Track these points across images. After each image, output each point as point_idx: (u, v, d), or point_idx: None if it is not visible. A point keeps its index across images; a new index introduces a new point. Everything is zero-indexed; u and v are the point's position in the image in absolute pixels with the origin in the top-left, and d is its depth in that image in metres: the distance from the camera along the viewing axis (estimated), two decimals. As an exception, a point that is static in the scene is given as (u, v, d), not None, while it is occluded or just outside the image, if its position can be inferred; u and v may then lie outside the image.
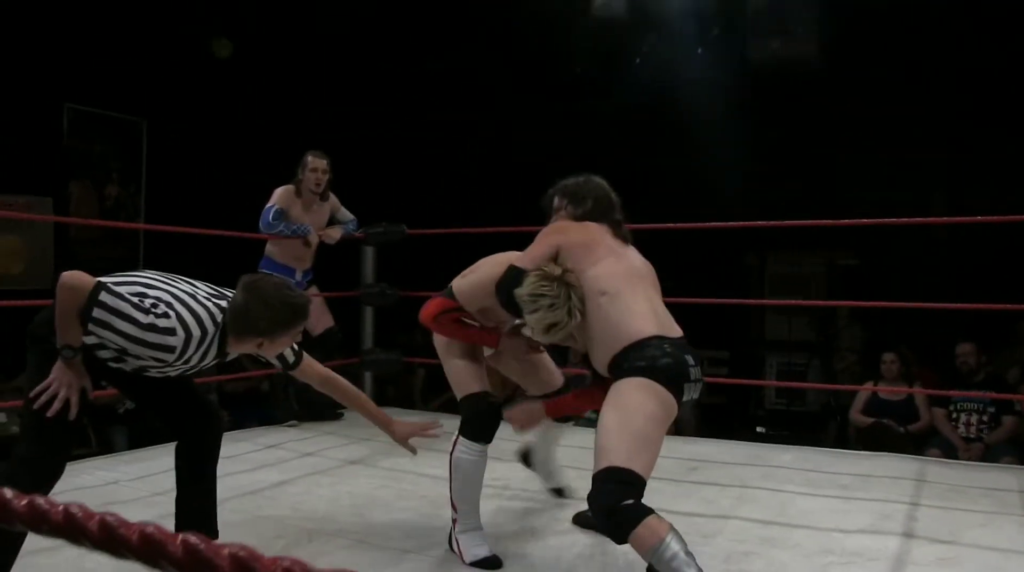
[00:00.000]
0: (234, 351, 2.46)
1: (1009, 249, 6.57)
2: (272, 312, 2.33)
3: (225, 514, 3.15)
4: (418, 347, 7.64)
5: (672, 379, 2.30)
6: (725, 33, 7.55)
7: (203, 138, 7.86)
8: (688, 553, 2.07)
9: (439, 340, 2.91)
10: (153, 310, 2.27)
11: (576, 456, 4.15)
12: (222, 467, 3.81)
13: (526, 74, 8.27)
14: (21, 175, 6.86)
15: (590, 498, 2.19)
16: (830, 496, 3.49)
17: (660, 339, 2.37)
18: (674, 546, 2.07)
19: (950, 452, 5.36)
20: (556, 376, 3.11)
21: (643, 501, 2.16)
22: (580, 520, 3.04)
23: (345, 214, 5.19)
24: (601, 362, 2.46)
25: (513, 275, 2.55)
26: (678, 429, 6.02)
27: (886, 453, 4.51)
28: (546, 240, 2.60)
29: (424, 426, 2.78)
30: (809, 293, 8.38)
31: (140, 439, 5.38)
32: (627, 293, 2.46)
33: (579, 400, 2.79)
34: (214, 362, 2.48)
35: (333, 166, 5.00)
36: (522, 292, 2.47)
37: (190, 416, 2.63)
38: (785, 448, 4.57)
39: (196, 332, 2.31)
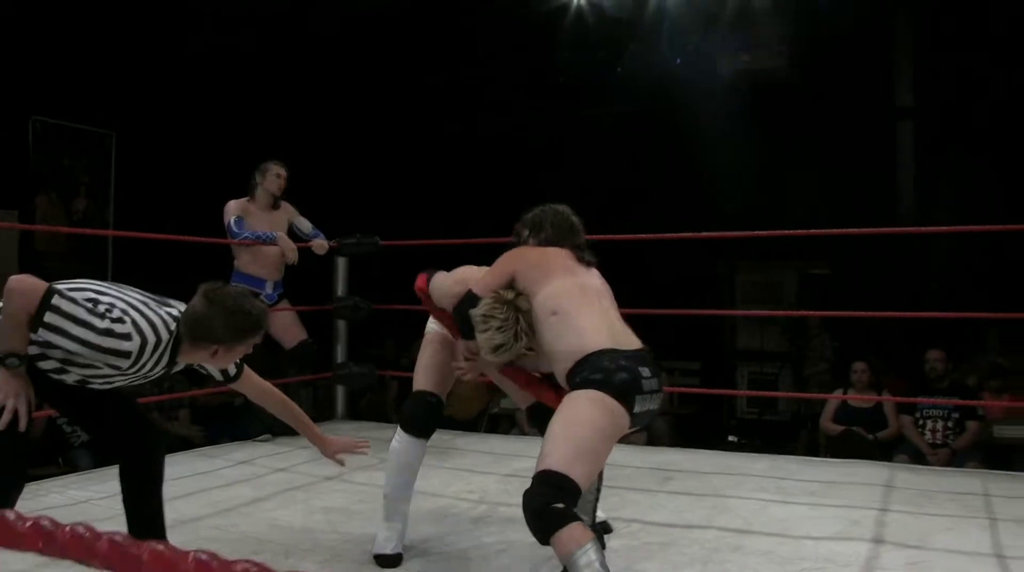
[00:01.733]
0: (185, 360, 2.43)
1: (978, 257, 6.70)
2: (231, 319, 2.31)
3: (201, 531, 3.15)
4: (391, 360, 7.66)
5: (623, 391, 2.33)
6: (699, 47, 7.65)
7: (173, 151, 7.82)
8: (604, 566, 2.12)
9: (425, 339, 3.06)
10: (108, 315, 2.24)
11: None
12: (196, 483, 3.83)
13: (503, 85, 8.32)
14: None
15: (523, 496, 2.24)
16: (801, 503, 3.54)
17: (613, 352, 2.40)
18: (592, 554, 2.11)
19: (918, 458, 5.47)
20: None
21: (576, 509, 2.22)
22: None
23: (304, 222, 5.18)
24: (560, 379, 2.51)
25: (468, 299, 2.64)
26: (651, 439, 6.07)
27: (856, 460, 4.57)
28: (502, 267, 2.67)
29: (354, 444, 2.86)
30: (780, 302, 8.47)
31: (105, 458, 5.33)
32: (578, 310, 2.51)
33: (537, 386, 2.84)
34: (161, 372, 2.44)
35: (306, 177, 5.02)
36: (475, 313, 2.57)
37: (130, 437, 2.56)
38: (757, 457, 4.63)
39: (151, 338, 2.28)
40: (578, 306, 2.51)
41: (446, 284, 2.88)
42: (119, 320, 2.24)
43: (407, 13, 7.81)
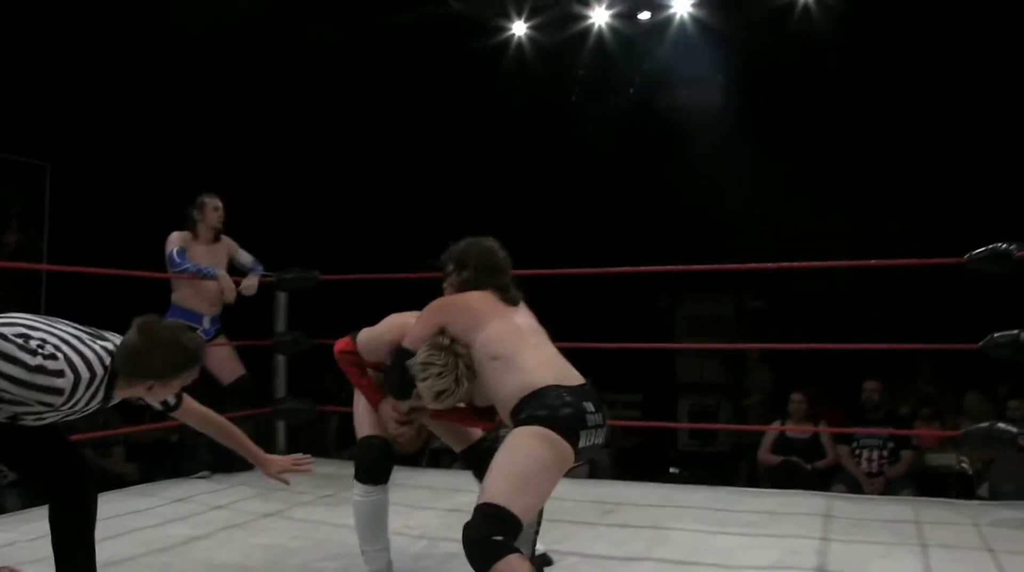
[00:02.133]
0: (121, 395, 2.38)
1: (912, 289, 6.88)
2: (167, 353, 2.28)
3: (136, 571, 3.07)
4: (331, 395, 7.58)
5: (567, 427, 2.35)
6: (639, 82, 7.80)
7: (111, 183, 7.68)
8: None
9: None
10: (40, 351, 2.19)
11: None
12: (130, 522, 3.74)
13: (446, 117, 8.37)
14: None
15: (464, 528, 2.26)
16: (741, 534, 3.57)
17: (557, 388, 2.42)
18: None
19: (855, 487, 5.55)
20: (474, 431, 3.11)
21: (515, 543, 2.24)
22: None
23: (245, 256, 5.14)
24: (505, 418, 2.53)
25: (400, 353, 2.66)
26: (592, 472, 6.09)
27: (794, 490, 4.63)
28: (429, 319, 2.67)
29: (295, 461, 2.83)
30: (720, 335, 8.59)
31: (34, 499, 5.17)
32: (518, 350, 2.53)
33: (472, 420, 2.89)
34: (96, 407, 2.39)
35: (245, 210, 4.99)
36: (413, 362, 2.58)
37: (60, 475, 2.48)
38: (696, 488, 4.67)
39: (85, 374, 2.23)
40: (517, 347, 2.55)
41: (376, 333, 2.90)
42: (51, 356, 2.19)
43: (354, 46, 7.84)
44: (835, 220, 7.68)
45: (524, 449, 2.33)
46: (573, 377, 2.53)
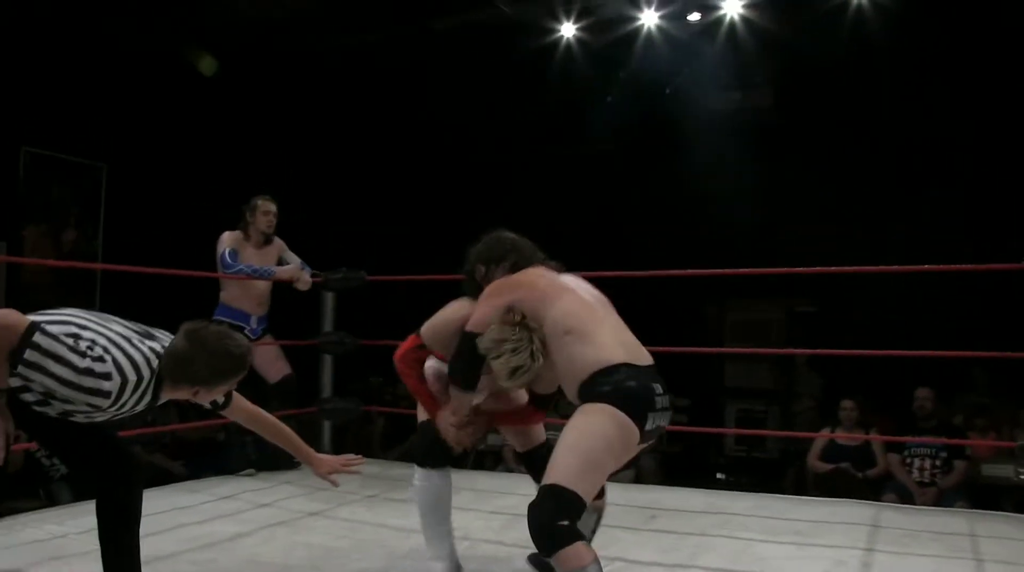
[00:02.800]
0: (168, 397, 2.40)
1: (966, 295, 6.73)
2: (213, 361, 2.29)
3: (180, 566, 3.11)
4: (377, 395, 7.62)
5: (635, 406, 2.33)
6: (689, 84, 7.73)
7: (164, 183, 7.83)
8: None
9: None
10: (89, 353, 2.21)
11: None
12: (176, 518, 3.79)
13: (493, 122, 8.39)
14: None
15: (530, 508, 2.25)
16: (787, 543, 3.51)
17: (628, 366, 2.40)
18: None
19: (906, 497, 5.45)
20: (538, 434, 3.06)
21: (580, 528, 2.25)
22: (534, 560, 3.04)
23: (292, 257, 5.19)
24: (571, 395, 2.49)
25: (466, 339, 2.60)
26: (638, 476, 6.04)
27: (842, 499, 4.54)
28: (493, 300, 2.62)
29: (345, 460, 2.76)
30: (768, 340, 8.47)
31: (85, 492, 5.27)
32: (591, 325, 2.50)
33: (512, 414, 2.86)
34: (145, 408, 2.41)
35: (293, 210, 5.04)
36: (485, 339, 2.51)
37: (107, 471, 2.51)
38: (743, 495, 4.60)
39: (132, 377, 2.25)
40: (591, 322, 2.52)
41: (444, 316, 2.83)
42: (99, 358, 2.22)
43: (398, 50, 7.89)
44: (889, 225, 7.54)
45: (591, 428, 2.31)
46: (644, 356, 2.51)
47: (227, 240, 4.91)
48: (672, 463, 7.33)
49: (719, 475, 7.80)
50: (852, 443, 5.86)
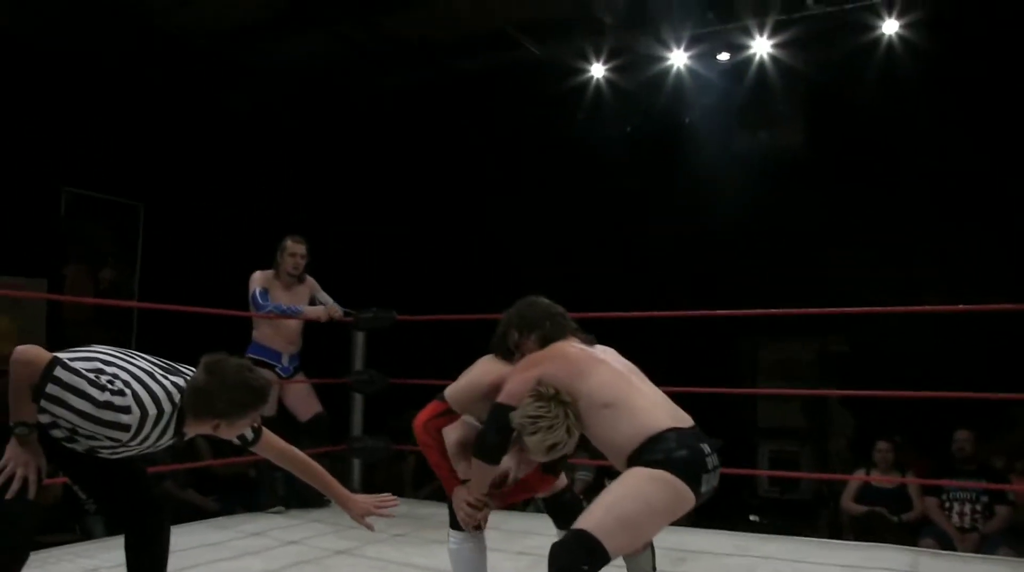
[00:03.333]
0: (192, 432, 2.42)
1: (1003, 335, 6.61)
2: (231, 394, 2.30)
3: (207, 604, 3.13)
4: (407, 433, 7.62)
5: (689, 471, 2.33)
6: (711, 123, 7.75)
7: (200, 222, 7.96)
8: None
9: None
10: (109, 387, 2.24)
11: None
12: (206, 555, 3.80)
13: (512, 160, 8.45)
14: (16, 257, 6.92)
15: (553, 548, 2.26)
16: (820, 589, 3.45)
17: (677, 431, 2.40)
18: None
19: (946, 542, 5.30)
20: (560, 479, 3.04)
21: None
22: None
23: (325, 297, 5.25)
24: (619, 466, 2.47)
25: (498, 412, 2.56)
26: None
27: (878, 544, 4.45)
28: (523, 376, 2.59)
29: (381, 501, 2.70)
30: (801, 379, 8.37)
31: (118, 526, 5.31)
32: (628, 396, 2.50)
33: (523, 487, 2.84)
34: (170, 443, 2.43)
35: (321, 251, 5.11)
36: (519, 415, 2.49)
37: (135, 509, 2.56)
38: (773, 538, 4.53)
39: (152, 411, 2.27)
40: (627, 391, 2.52)
41: (472, 379, 2.79)
42: (119, 392, 2.25)
43: (432, 90, 8.00)
44: (924, 262, 7.45)
45: (637, 490, 2.31)
46: (686, 419, 2.50)
47: (258, 279, 4.98)
48: (704, 504, 7.22)
49: (752, 517, 7.68)
50: (887, 486, 5.75)
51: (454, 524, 2.83)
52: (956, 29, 6.70)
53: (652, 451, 2.35)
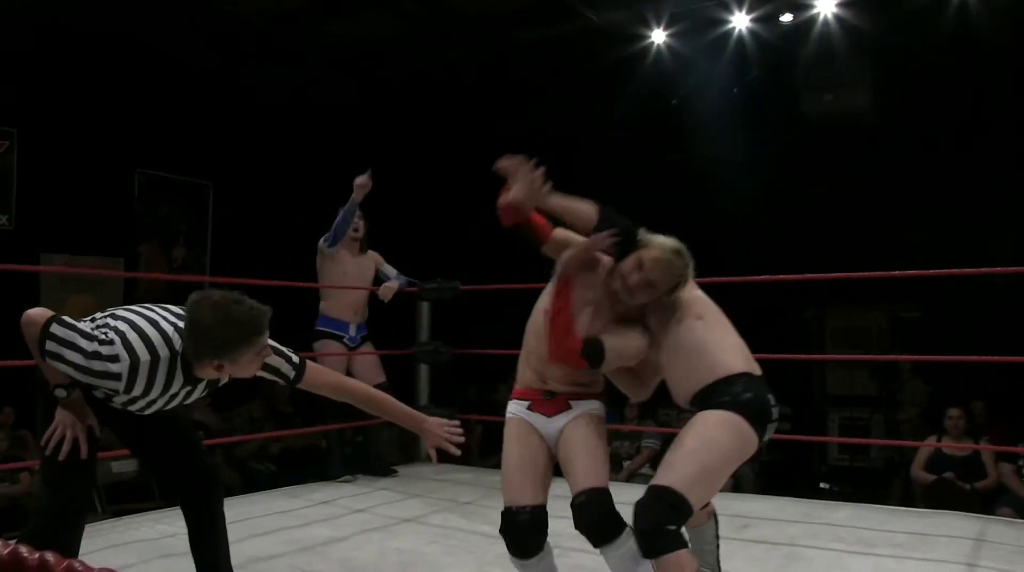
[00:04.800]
0: (203, 376, 2.30)
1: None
2: (217, 331, 2.15)
3: (277, 568, 3.24)
4: (473, 404, 7.71)
5: (758, 418, 2.32)
6: (776, 86, 7.60)
7: (266, 198, 8.13)
8: None
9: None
10: (99, 337, 2.19)
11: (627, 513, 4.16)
12: (275, 522, 3.93)
13: (571, 130, 8.40)
14: (94, 238, 7.18)
15: (638, 505, 2.23)
16: (883, 555, 3.41)
17: (750, 376, 2.39)
18: None
19: (1022, 512, 5.17)
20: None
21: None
22: None
23: (390, 270, 5.32)
24: (685, 390, 2.45)
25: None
26: (736, 486, 5.94)
27: (947, 511, 4.37)
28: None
29: (449, 430, 2.57)
30: (871, 347, 8.23)
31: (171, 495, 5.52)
32: (720, 324, 2.49)
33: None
34: (204, 392, 2.40)
35: (385, 222, 5.19)
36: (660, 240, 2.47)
37: (186, 480, 2.54)
38: (840, 505, 4.48)
39: (144, 357, 2.19)
40: (719, 320, 2.50)
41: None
42: (108, 342, 2.20)
43: (488, 64, 8.00)
44: (997, 225, 7.23)
45: (715, 438, 2.29)
46: (757, 367, 2.47)
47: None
48: (774, 472, 7.19)
49: (822, 484, 7.60)
50: (960, 453, 5.63)
51: (510, 550, 2.59)
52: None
53: (725, 392, 2.33)
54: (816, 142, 7.43)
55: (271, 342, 2.35)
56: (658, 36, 7.37)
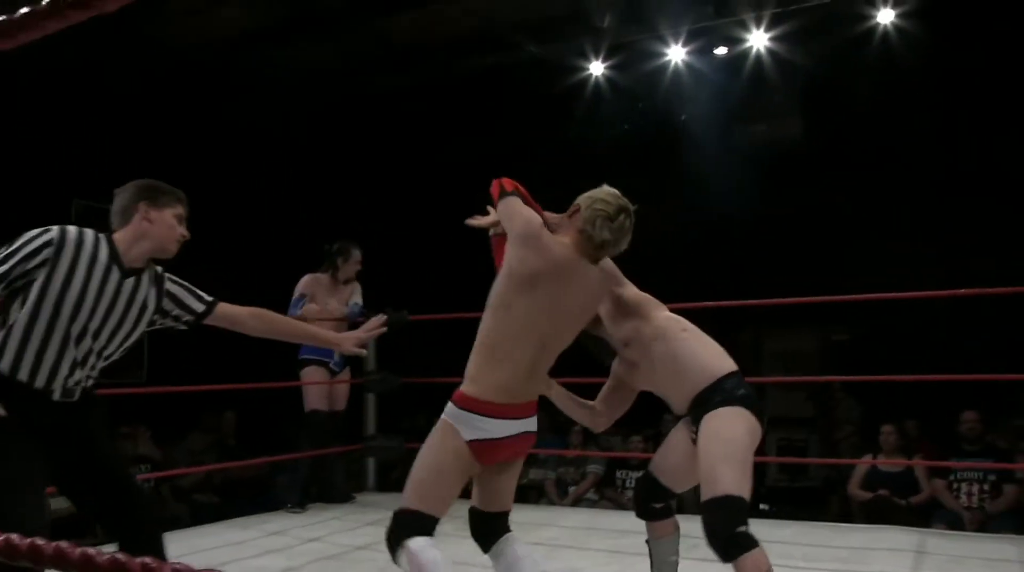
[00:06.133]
0: (129, 257, 2.42)
1: (1006, 318, 6.69)
2: (141, 183, 2.51)
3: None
4: (421, 432, 7.69)
5: (756, 407, 2.51)
6: (715, 117, 7.82)
7: (212, 229, 8.01)
8: None
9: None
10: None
11: (575, 536, 4.22)
12: (230, 553, 3.89)
13: (527, 158, 8.50)
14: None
15: (709, 522, 2.38)
16: (829, 570, 3.53)
17: (736, 374, 2.57)
18: None
19: (956, 525, 5.34)
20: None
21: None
22: None
23: (358, 299, 5.36)
24: (684, 395, 2.58)
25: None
26: (680, 507, 6.02)
27: (887, 526, 4.53)
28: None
29: (369, 326, 2.74)
30: (806, 368, 8.45)
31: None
32: (700, 333, 2.66)
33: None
34: (148, 317, 2.47)
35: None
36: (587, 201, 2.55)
37: (125, 522, 2.44)
38: (784, 523, 4.60)
39: (72, 231, 2.35)
40: (698, 331, 2.67)
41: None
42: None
43: (431, 92, 8.08)
44: (924, 248, 7.52)
45: (734, 436, 2.44)
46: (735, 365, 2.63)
47: (302, 285, 5.16)
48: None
49: (762, 506, 7.75)
50: (894, 469, 5.81)
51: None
52: (951, 17, 6.77)
53: (729, 389, 2.50)
54: (751, 170, 7.65)
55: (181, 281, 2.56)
56: (596, 68, 7.55)
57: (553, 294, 2.39)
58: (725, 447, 2.41)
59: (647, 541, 3.05)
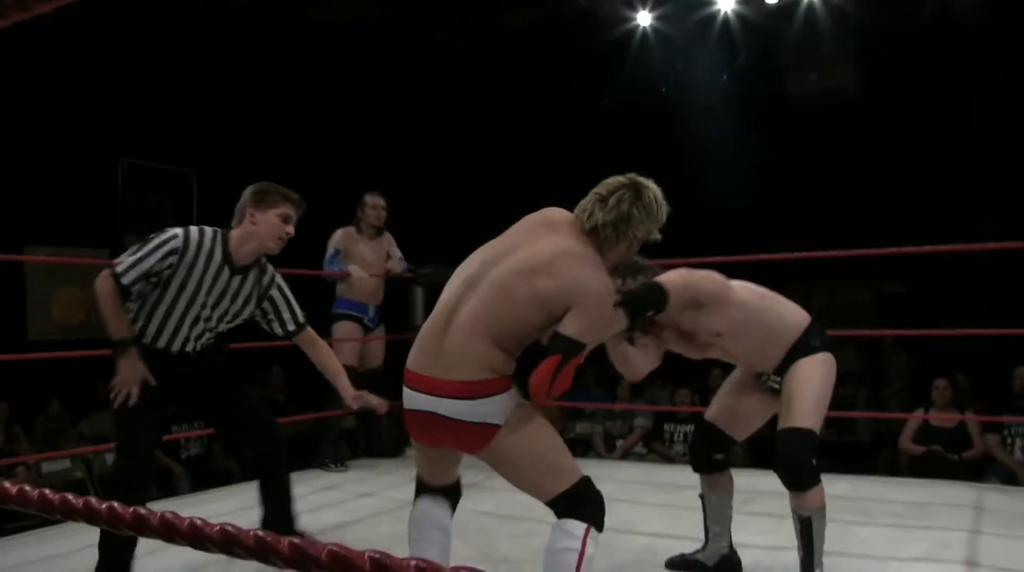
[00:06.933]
0: (240, 255, 2.81)
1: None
2: (253, 188, 2.86)
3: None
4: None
5: (832, 347, 2.76)
6: (761, 66, 7.64)
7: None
8: None
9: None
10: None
11: (627, 490, 4.21)
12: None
13: (571, 106, 8.42)
14: (79, 229, 7.11)
15: (783, 451, 2.56)
16: (886, 525, 3.49)
17: (815, 324, 2.79)
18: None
19: (1010, 479, 5.28)
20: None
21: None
22: (674, 563, 3.12)
23: (396, 251, 5.36)
24: (775, 357, 2.74)
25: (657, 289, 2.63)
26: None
27: (943, 480, 4.47)
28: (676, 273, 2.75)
29: (373, 403, 3.02)
30: (856, 322, 8.32)
31: (201, 484, 5.53)
32: (775, 294, 2.84)
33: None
34: (249, 306, 2.88)
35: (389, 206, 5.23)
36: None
37: (251, 442, 3.02)
38: (837, 477, 4.55)
39: (195, 232, 2.75)
40: (771, 292, 2.84)
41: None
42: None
43: (484, 50, 7.98)
44: (980, 201, 7.34)
45: (810, 376, 2.66)
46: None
47: (335, 240, 5.12)
48: (762, 448, 7.26)
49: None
50: (946, 424, 5.72)
51: (593, 521, 2.41)
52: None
53: (814, 338, 2.71)
54: (802, 122, 7.49)
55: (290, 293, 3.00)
56: (644, 19, 7.40)
57: None
58: (813, 388, 2.63)
59: (700, 496, 3.05)
